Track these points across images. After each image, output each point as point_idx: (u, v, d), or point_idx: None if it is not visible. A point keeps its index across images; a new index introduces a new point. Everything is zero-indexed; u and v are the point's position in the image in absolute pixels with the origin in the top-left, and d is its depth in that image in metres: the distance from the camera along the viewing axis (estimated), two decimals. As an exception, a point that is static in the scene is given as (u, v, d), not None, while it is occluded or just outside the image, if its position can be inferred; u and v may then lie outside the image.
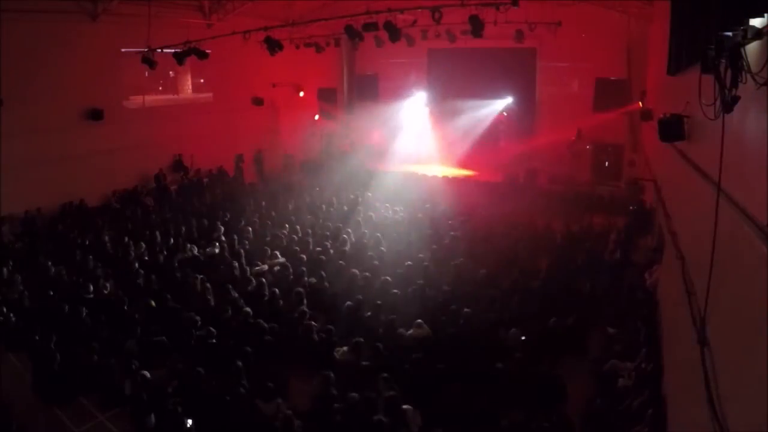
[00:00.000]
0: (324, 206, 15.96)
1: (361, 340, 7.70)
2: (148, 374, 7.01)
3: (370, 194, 16.94)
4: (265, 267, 10.77)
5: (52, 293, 9.40)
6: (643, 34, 17.02)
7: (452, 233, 12.93)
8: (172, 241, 12.26)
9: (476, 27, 11.31)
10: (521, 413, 6.40)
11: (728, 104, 3.28)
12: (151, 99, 18.37)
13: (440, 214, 14.81)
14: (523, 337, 8.11)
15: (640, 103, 16.37)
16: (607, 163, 20.13)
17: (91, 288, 9.46)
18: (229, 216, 14.45)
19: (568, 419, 6.09)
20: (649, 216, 13.17)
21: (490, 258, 11.50)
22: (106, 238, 12.66)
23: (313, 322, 8.51)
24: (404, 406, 6.25)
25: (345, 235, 12.55)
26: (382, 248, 11.99)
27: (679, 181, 7.28)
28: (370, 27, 12.15)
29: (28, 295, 9.54)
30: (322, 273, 10.45)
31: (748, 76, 3.04)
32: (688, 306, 4.77)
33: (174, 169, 17.79)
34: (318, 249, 11.83)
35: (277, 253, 11.48)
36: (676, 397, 5.39)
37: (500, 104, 21.48)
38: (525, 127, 21.15)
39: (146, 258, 11.29)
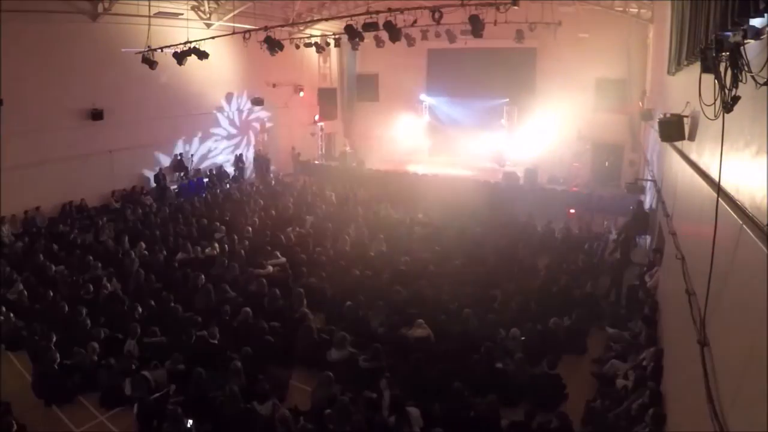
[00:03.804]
0: (324, 206, 15.98)
1: (348, 336, 7.70)
2: (148, 374, 7.02)
3: (370, 194, 16.94)
4: (270, 269, 10.75)
5: (52, 293, 9.40)
6: (643, 34, 17.04)
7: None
8: (172, 241, 12.26)
9: (476, 27, 11.31)
10: (521, 413, 6.40)
11: (728, 104, 3.28)
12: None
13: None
14: (523, 337, 8.12)
15: (640, 103, 16.39)
16: (607, 163, 20.15)
17: (91, 288, 9.46)
18: (229, 216, 14.46)
19: (568, 419, 6.08)
20: (649, 216, 13.17)
21: (490, 258, 11.50)
22: (106, 237, 12.68)
23: (313, 323, 8.51)
24: (409, 408, 6.24)
25: (345, 235, 12.56)
26: (383, 248, 12.00)
27: (679, 181, 7.27)
28: (370, 27, 12.14)
29: (28, 295, 9.54)
30: (322, 273, 10.45)
31: (748, 76, 3.04)
32: (688, 306, 4.77)
33: (174, 169, 17.81)
34: (318, 249, 11.84)
35: (277, 253, 11.48)
36: (676, 397, 5.39)
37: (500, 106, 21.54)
38: (525, 127, 21.18)
39: (146, 258, 11.29)
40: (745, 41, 3.19)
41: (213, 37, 14.44)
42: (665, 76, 9.42)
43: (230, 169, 19.88)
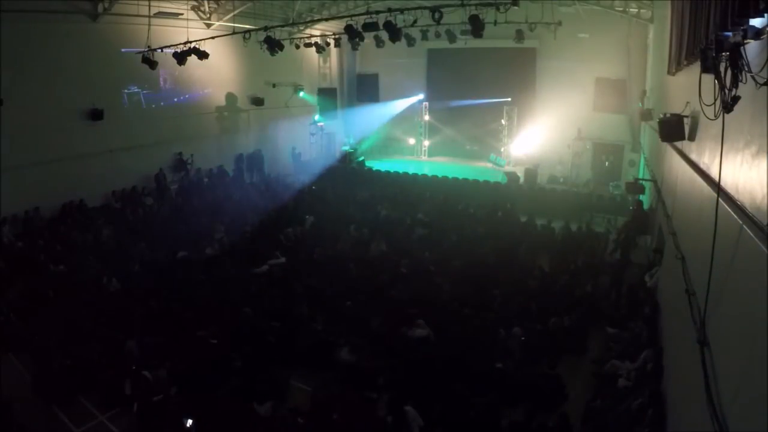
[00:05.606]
0: (324, 206, 15.97)
1: (361, 340, 7.70)
2: (148, 374, 7.02)
3: (370, 194, 16.93)
4: (266, 267, 10.75)
5: (52, 293, 9.39)
6: (643, 34, 17.04)
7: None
8: (172, 241, 12.25)
9: (476, 27, 11.31)
10: (521, 413, 6.40)
11: (728, 104, 3.28)
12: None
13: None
14: (523, 337, 8.12)
15: (640, 103, 16.39)
16: (607, 163, 20.15)
17: (91, 288, 9.45)
18: (229, 216, 14.45)
19: (568, 419, 6.08)
20: (649, 216, 13.17)
21: (490, 258, 11.49)
22: (106, 237, 12.66)
23: (313, 323, 8.51)
24: (406, 407, 6.25)
25: (345, 235, 12.55)
26: (383, 248, 11.99)
27: (679, 181, 7.28)
28: (370, 27, 12.15)
29: (28, 295, 9.53)
30: (322, 273, 10.44)
31: (748, 76, 3.04)
32: (688, 306, 4.77)
33: (174, 169, 17.79)
34: (318, 249, 11.83)
35: (277, 253, 11.48)
36: (676, 397, 5.39)
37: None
38: (525, 127, 21.19)
39: (146, 258, 11.28)
40: (745, 41, 3.19)
41: (213, 37, 14.41)
42: (665, 76, 9.42)
43: (230, 169, 19.86)
